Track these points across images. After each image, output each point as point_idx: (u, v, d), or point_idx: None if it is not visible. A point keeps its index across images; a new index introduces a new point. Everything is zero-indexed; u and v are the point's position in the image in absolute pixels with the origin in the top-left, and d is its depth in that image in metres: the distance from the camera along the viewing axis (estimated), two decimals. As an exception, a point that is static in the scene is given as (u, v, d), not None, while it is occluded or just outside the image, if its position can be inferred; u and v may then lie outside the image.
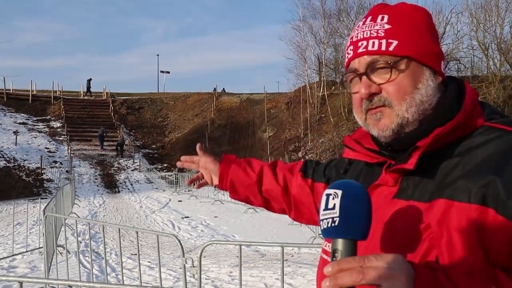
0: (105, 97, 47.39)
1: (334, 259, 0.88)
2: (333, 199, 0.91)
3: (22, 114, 38.94)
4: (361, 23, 1.22)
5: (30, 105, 41.24)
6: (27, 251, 9.54)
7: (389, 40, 1.15)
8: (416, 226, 1.03)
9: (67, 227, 11.22)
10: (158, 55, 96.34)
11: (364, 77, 1.15)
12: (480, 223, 0.98)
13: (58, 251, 8.81)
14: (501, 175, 0.98)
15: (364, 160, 1.26)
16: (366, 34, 1.18)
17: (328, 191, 0.94)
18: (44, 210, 8.21)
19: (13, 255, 9.23)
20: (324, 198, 0.94)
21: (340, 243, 0.89)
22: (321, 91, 37.30)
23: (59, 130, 37.53)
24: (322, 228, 0.92)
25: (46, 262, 7.25)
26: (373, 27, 1.18)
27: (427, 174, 1.09)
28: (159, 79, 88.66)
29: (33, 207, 15.73)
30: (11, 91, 42.67)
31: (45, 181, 26.82)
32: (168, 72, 59.80)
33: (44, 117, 39.75)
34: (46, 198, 18.08)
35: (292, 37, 51.10)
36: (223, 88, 50.85)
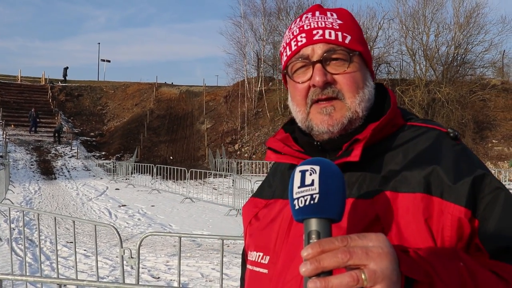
0: (43, 83, 46.05)
1: (310, 241, 0.81)
2: (310, 174, 0.84)
3: (-46, 97, 37.34)
4: (309, 15, 1.18)
5: (-38, 87, 39.58)
6: (-44, 238, 9.43)
7: (344, 34, 1.14)
8: (365, 220, 1.02)
9: None
10: (99, 43, 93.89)
11: (319, 65, 1.11)
12: (427, 211, 0.99)
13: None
14: (440, 164, 1.03)
15: (290, 163, 1.18)
16: (321, 24, 1.14)
17: (302, 167, 0.87)
18: None
19: None
20: (298, 174, 0.86)
21: (317, 223, 0.82)
22: (259, 86, 38.16)
23: (-6, 114, 36.31)
24: (297, 207, 0.84)
25: None
26: (327, 20, 1.16)
27: (368, 168, 1.08)
28: (99, 68, 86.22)
29: (-35, 192, 15.39)
30: None
31: (-23, 166, 26.04)
32: (109, 61, 58.72)
33: (-23, 100, 38.27)
34: (-22, 184, 17.68)
35: (232, 33, 52.19)
36: (166, 82, 50.39)
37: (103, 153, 34.67)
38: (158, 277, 7.32)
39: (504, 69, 39.53)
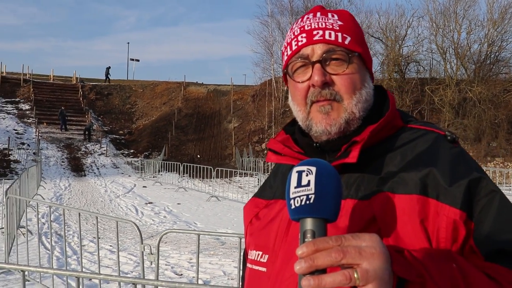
0: (75, 82, 46.95)
1: (305, 240, 0.83)
2: (307, 175, 0.86)
3: (-9, 95, 38.47)
4: (311, 16, 1.20)
5: (-1, 86, 40.71)
6: (-11, 231, 9.74)
7: (344, 35, 1.15)
8: (362, 221, 1.03)
9: (31, 209, 11.49)
10: (128, 43, 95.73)
11: (318, 65, 1.12)
12: (423, 213, 1.00)
13: (21, 232, 9.09)
14: (437, 167, 1.04)
15: (290, 164, 1.17)
16: (321, 25, 1.16)
17: (299, 167, 0.89)
18: (6, 192, 8.34)
19: (-24, 234, 9.44)
20: (295, 174, 0.88)
21: (312, 223, 0.84)
22: (286, 85, 37.86)
23: (27, 112, 37.20)
24: (293, 207, 0.86)
25: (6, 243, 7.42)
26: (327, 21, 1.17)
27: (365, 170, 1.10)
28: (128, 67, 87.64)
29: (-1, 188, 15.82)
30: (-20, 72, 42.02)
31: (12, 162, 26.72)
32: (138, 60, 59.46)
33: (13, 99, 39.29)
34: (11, 179, 18.13)
35: (260, 32, 52.13)
36: (197, 82, 50.79)
37: (132, 151, 35.14)
38: (181, 274, 7.37)
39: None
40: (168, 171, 25.30)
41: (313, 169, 0.87)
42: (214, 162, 29.70)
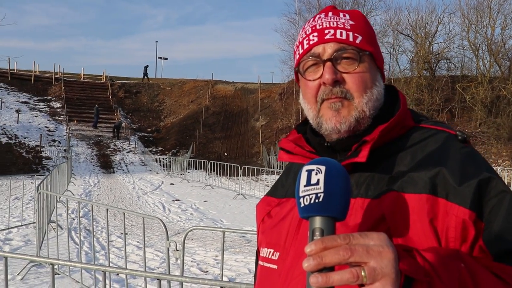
0: (104, 80, 47.68)
1: (314, 238, 0.83)
2: (316, 174, 0.87)
3: (25, 94, 39.41)
4: (322, 15, 1.21)
5: (32, 85, 41.66)
6: (22, 225, 9.97)
7: (355, 34, 1.16)
8: (371, 220, 1.03)
9: (61, 204, 11.73)
10: (157, 41, 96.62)
11: (329, 63, 1.12)
12: (432, 212, 1.00)
13: (51, 226, 9.28)
14: (447, 166, 1.04)
15: (302, 163, 1.13)
16: (333, 24, 1.17)
17: (309, 166, 0.89)
18: (38, 187, 8.48)
19: (9, 228, 9.69)
20: (304, 173, 0.89)
21: (321, 221, 0.84)
22: (316, 83, 37.69)
23: (59, 110, 37.96)
24: (302, 205, 0.87)
25: (38, 237, 7.56)
26: (339, 20, 1.18)
27: (375, 169, 1.11)
28: (157, 65, 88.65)
29: (31, 183, 16.18)
30: (15, 71, 43.09)
31: (43, 159, 27.32)
32: (166, 59, 60.00)
33: (45, 97, 40.16)
34: (43, 175, 18.52)
35: (287, 30, 51.81)
36: (226, 80, 50.87)
37: (160, 148, 35.50)
38: (206, 271, 7.39)
39: None
40: (196, 169, 25.47)
41: (323, 168, 0.88)
42: (241, 160, 29.79)
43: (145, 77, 49.25)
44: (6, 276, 3.67)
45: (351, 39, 1.15)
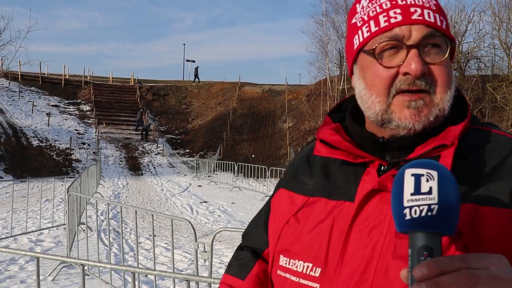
0: (132, 83, 48.29)
1: (421, 259, 0.71)
2: (427, 181, 0.74)
3: (55, 97, 40.20)
4: None
5: (62, 88, 42.45)
6: (53, 227, 10.15)
7: (441, 17, 0.99)
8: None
9: (91, 206, 11.88)
10: (184, 44, 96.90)
11: (415, 50, 0.95)
12: None
13: (81, 228, 9.41)
14: None
15: (343, 159, 1.04)
16: (418, 2, 0.97)
17: (415, 170, 0.75)
18: (68, 189, 8.63)
19: (40, 230, 9.86)
20: (411, 178, 0.75)
21: (429, 238, 0.72)
22: (341, 84, 37.45)
23: (88, 113, 38.58)
24: (408, 217, 0.73)
25: (68, 238, 7.67)
26: None
27: None
28: (184, 68, 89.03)
29: (61, 185, 16.45)
30: (46, 75, 44.03)
31: (73, 161, 27.79)
32: (194, 61, 60.24)
33: (74, 101, 40.89)
34: (73, 177, 18.81)
35: (314, 31, 51.73)
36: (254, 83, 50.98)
37: (187, 150, 35.73)
38: (235, 272, 7.37)
39: None
40: (223, 171, 25.54)
41: (435, 174, 0.74)
42: (269, 162, 29.73)
43: (196, 78, 49.78)
44: (38, 276, 3.71)
45: (439, 23, 0.97)
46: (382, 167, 1.01)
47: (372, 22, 1.00)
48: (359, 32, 1.02)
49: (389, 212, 0.90)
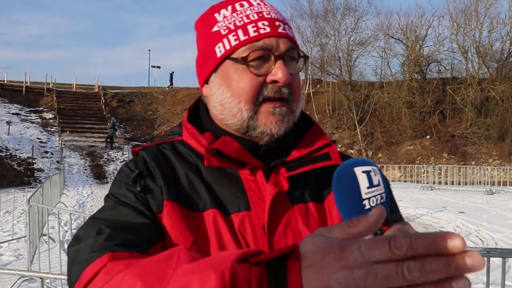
0: (97, 90, 47.64)
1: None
2: (375, 175, 0.84)
3: (16, 105, 39.23)
4: (258, 1, 1.09)
5: (23, 96, 41.49)
6: (13, 239, 9.90)
7: (293, 31, 1.10)
8: (321, 224, 1.01)
9: (53, 217, 11.68)
10: (149, 50, 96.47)
11: (282, 61, 1.02)
12: None
13: (43, 240, 9.23)
14: None
15: (233, 169, 1.04)
16: (279, 16, 1.08)
17: (364, 168, 0.84)
18: (28, 200, 8.44)
19: None
20: (363, 175, 0.84)
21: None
22: (307, 88, 38.00)
23: (51, 121, 37.85)
24: (369, 206, 0.81)
25: (29, 251, 7.52)
26: (279, 13, 1.10)
27: (308, 175, 1.07)
28: (150, 74, 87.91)
29: (22, 196, 16.10)
30: (5, 82, 42.98)
31: (35, 171, 27.22)
32: (159, 67, 59.92)
33: (36, 108, 40.03)
34: (35, 187, 18.41)
35: (280, 37, 51.72)
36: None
37: (153, 157, 35.38)
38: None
39: None
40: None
41: (376, 169, 0.85)
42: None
43: (171, 85, 49.36)
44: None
45: (294, 38, 1.08)
46: (263, 172, 1.05)
47: (240, 31, 1.03)
48: (224, 40, 1.05)
49: (294, 210, 1.02)
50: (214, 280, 0.58)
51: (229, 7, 1.08)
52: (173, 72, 50.82)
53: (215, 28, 1.07)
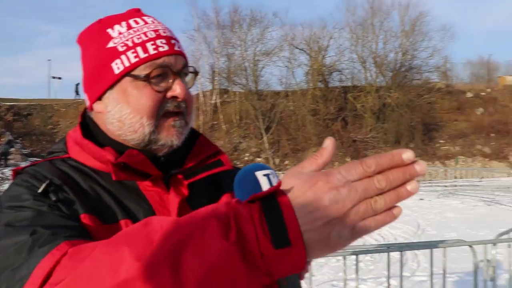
0: (-11, 102, 44.69)
1: None
2: (274, 177, 0.94)
3: None
4: (151, 19, 1.13)
5: None
6: None
7: (183, 48, 1.16)
8: None
9: None
10: (49, 60, 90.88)
11: (180, 78, 1.09)
12: None
13: None
14: None
15: (136, 180, 1.07)
16: (172, 35, 1.13)
17: (264, 171, 0.94)
18: None
19: None
20: (264, 178, 0.94)
21: None
22: (214, 99, 38.28)
23: None
24: None
25: None
26: (171, 31, 1.15)
27: (203, 181, 1.13)
28: (50, 85, 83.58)
29: None
30: None
31: None
32: (60, 78, 57.20)
33: None
34: None
35: (186, 47, 51.58)
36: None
37: (55, 173, 33.80)
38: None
39: (448, 73, 41.80)
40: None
41: (272, 171, 0.96)
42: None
43: (77, 95, 47.03)
44: None
45: (186, 54, 1.15)
46: (163, 181, 1.10)
47: (139, 49, 1.06)
48: (123, 57, 1.07)
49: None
50: (223, 218, 0.65)
51: (124, 23, 1.10)
52: (78, 83, 48.89)
53: (111, 44, 1.08)
